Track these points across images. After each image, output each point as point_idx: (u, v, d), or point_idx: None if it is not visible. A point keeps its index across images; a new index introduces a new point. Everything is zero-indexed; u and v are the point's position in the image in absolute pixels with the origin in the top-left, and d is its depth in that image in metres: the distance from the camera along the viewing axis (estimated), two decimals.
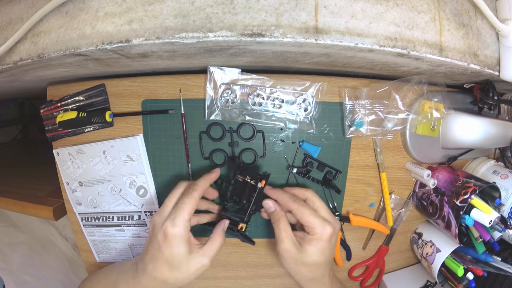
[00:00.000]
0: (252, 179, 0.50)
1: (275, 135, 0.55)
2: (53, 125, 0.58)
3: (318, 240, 0.44)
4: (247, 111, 0.53)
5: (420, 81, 0.51)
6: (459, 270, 0.55)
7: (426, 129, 0.54)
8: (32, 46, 0.40)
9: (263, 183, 0.49)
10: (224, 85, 0.51)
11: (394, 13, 0.37)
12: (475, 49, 0.42)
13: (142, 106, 0.55)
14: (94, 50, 0.37)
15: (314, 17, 0.35)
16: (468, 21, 0.41)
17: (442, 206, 0.54)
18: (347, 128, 0.54)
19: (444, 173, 0.57)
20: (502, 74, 0.43)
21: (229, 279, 0.64)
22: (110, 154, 0.57)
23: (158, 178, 0.58)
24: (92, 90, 0.55)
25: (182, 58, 0.45)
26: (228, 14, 0.34)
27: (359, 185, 0.59)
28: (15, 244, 0.92)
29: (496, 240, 0.56)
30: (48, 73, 0.51)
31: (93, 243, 0.64)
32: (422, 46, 0.38)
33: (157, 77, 0.54)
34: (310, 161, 0.56)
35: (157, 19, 0.35)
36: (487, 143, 0.56)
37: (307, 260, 0.44)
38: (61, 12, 0.38)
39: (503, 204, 0.55)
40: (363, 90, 0.52)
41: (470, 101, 0.58)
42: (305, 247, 0.44)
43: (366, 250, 0.64)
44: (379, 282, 0.67)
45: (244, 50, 0.40)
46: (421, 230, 0.63)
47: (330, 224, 0.44)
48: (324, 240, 0.44)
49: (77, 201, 0.61)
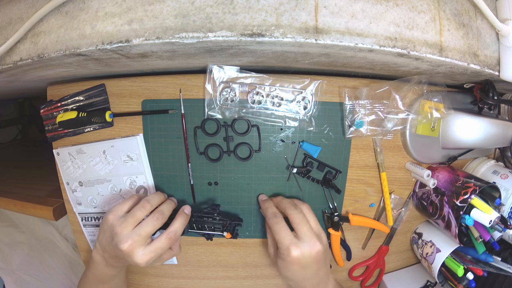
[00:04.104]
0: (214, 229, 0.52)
1: (275, 135, 0.55)
2: (53, 125, 0.58)
3: (283, 261, 0.45)
4: (246, 109, 0.53)
5: (420, 81, 0.51)
6: (459, 270, 0.55)
7: (426, 129, 0.54)
8: (32, 46, 0.40)
9: (229, 235, 0.52)
10: (224, 84, 0.51)
11: (394, 13, 0.37)
12: (475, 49, 0.42)
13: (142, 106, 0.55)
14: (94, 50, 0.37)
15: (314, 17, 0.35)
16: (468, 21, 0.41)
17: (442, 206, 0.54)
18: (347, 128, 0.54)
19: (444, 173, 0.57)
20: (502, 74, 0.43)
21: (229, 279, 0.64)
22: (110, 154, 0.57)
23: (158, 178, 0.58)
24: (92, 90, 0.55)
25: (182, 58, 0.45)
26: (228, 14, 0.34)
27: (359, 185, 0.59)
28: (15, 244, 0.92)
29: (496, 240, 0.56)
30: (48, 73, 0.51)
31: (93, 243, 0.64)
32: (422, 46, 0.38)
33: (157, 77, 0.54)
34: (310, 161, 0.56)
35: (157, 19, 0.35)
36: (487, 143, 0.56)
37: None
38: (61, 12, 0.38)
39: (503, 204, 0.55)
40: (363, 90, 0.52)
41: (470, 101, 0.58)
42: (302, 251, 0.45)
43: (366, 250, 0.64)
44: (379, 282, 0.67)
45: (244, 50, 0.40)
46: (421, 230, 0.63)
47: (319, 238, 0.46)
48: (289, 262, 0.45)
49: (77, 201, 0.61)
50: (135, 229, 0.45)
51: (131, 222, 0.45)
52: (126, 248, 0.44)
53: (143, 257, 0.44)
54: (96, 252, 0.49)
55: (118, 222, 0.46)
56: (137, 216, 0.46)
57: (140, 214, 0.46)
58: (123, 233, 0.44)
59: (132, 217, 0.45)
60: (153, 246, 0.45)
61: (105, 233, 0.47)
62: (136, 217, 0.46)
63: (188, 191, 0.58)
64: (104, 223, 0.47)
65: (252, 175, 0.57)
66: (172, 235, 0.46)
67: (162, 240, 0.46)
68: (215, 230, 0.51)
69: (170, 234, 0.46)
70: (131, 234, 0.44)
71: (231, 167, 0.57)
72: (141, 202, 0.47)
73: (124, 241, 0.44)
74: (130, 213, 0.46)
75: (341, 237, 0.62)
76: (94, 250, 0.50)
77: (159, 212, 0.47)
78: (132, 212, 0.46)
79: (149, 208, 0.47)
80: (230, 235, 0.52)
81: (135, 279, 0.65)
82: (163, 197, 0.50)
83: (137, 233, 0.44)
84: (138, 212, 0.46)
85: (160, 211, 0.47)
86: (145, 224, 0.45)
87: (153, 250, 0.45)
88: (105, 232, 0.47)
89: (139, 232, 0.44)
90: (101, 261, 0.49)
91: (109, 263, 0.49)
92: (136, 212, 0.46)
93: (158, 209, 0.48)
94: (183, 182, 0.57)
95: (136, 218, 0.46)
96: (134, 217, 0.45)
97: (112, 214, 0.47)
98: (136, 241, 0.44)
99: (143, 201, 0.47)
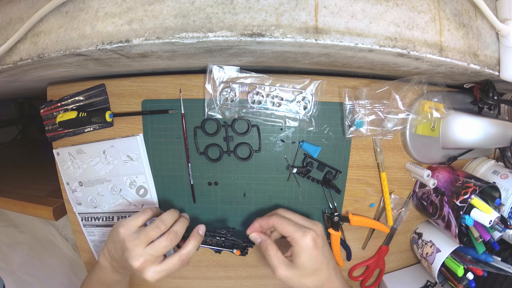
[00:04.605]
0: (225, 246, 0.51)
1: (275, 135, 0.55)
2: (53, 125, 0.58)
3: (305, 250, 0.44)
4: (246, 109, 0.53)
5: (420, 81, 0.51)
6: (459, 270, 0.55)
7: (426, 129, 0.54)
8: (32, 46, 0.40)
9: (238, 252, 0.51)
10: (224, 84, 0.51)
11: (394, 13, 0.37)
12: (475, 49, 0.42)
13: (142, 106, 0.55)
14: (94, 50, 0.37)
15: (314, 17, 0.35)
16: (468, 21, 0.41)
17: (442, 206, 0.54)
18: (347, 128, 0.54)
19: (444, 173, 0.57)
20: (502, 74, 0.43)
21: (229, 279, 0.64)
22: (110, 154, 0.57)
23: (158, 178, 0.58)
24: (92, 90, 0.55)
25: (182, 58, 0.45)
26: (228, 14, 0.34)
27: (359, 185, 0.59)
28: (15, 244, 0.92)
29: (496, 240, 0.56)
30: (48, 73, 0.51)
31: (93, 243, 0.64)
32: (422, 46, 0.38)
33: (157, 77, 0.54)
34: (310, 161, 0.56)
35: (157, 19, 0.35)
36: (487, 143, 0.56)
37: (306, 272, 0.45)
38: (61, 12, 0.38)
39: (503, 204, 0.55)
40: (363, 90, 0.52)
41: (470, 101, 0.58)
42: (297, 262, 0.45)
43: (366, 250, 0.64)
44: (379, 282, 0.67)
45: (244, 50, 0.40)
46: (421, 230, 0.63)
47: (308, 229, 0.45)
48: (310, 248, 0.44)
49: (77, 201, 0.61)
50: (148, 248, 0.45)
51: (144, 241, 0.45)
52: (138, 266, 0.44)
53: (154, 276, 0.44)
54: (104, 258, 0.49)
55: (130, 237, 0.45)
56: (150, 235, 0.45)
57: (154, 234, 0.45)
58: (135, 251, 0.44)
59: (145, 235, 0.45)
60: (165, 266, 0.45)
61: (115, 244, 0.47)
62: (149, 236, 0.45)
63: (188, 191, 0.58)
64: (114, 234, 0.47)
65: (252, 175, 0.57)
66: (184, 257, 0.46)
67: (174, 262, 0.45)
68: (226, 247, 0.51)
69: (183, 256, 0.46)
70: (143, 253, 0.44)
71: (231, 167, 0.57)
72: (156, 222, 0.46)
73: (136, 258, 0.44)
74: (144, 232, 0.45)
75: (341, 237, 0.62)
76: (101, 256, 0.49)
77: (173, 233, 0.46)
78: (146, 230, 0.45)
79: (163, 229, 0.46)
80: (240, 253, 0.51)
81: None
82: (177, 215, 0.50)
83: (150, 253, 0.44)
84: (151, 232, 0.45)
85: (174, 232, 0.46)
86: (158, 244, 0.45)
87: (164, 270, 0.45)
88: (115, 243, 0.47)
89: (152, 252, 0.44)
90: (108, 267, 0.49)
91: (116, 270, 0.49)
92: (149, 232, 0.45)
93: (172, 230, 0.47)
94: (183, 182, 0.57)
95: (149, 237, 0.45)
96: (147, 236, 0.45)
97: (123, 228, 0.46)
98: (148, 260, 0.44)
99: (158, 221, 0.47)
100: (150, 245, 0.45)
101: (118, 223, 0.47)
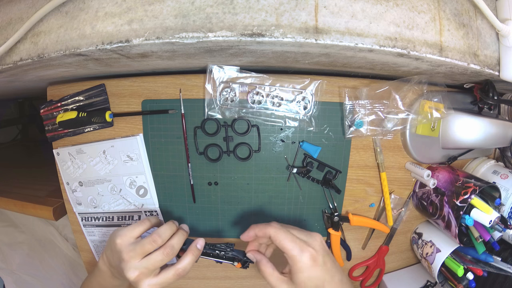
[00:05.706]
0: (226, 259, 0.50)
1: (275, 135, 0.55)
2: (53, 125, 0.58)
3: (303, 270, 0.42)
4: (246, 109, 0.53)
5: (420, 81, 0.51)
6: (459, 270, 0.55)
7: (426, 129, 0.54)
8: (32, 46, 0.40)
9: (239, 265, 0.49)
10: (224, 84, 0.51)
11: (394, 13, 0.37)
12: (475, 49, 0.42)
13: (142, 106, 0.55)
14: (94, 50, 0.37)
15: (314, 17, 0.35)
16: (468, 21, 0.41)
17: (442, 206, 0.54)
18: (347, 128, 0.54)
19: (444, 173, 0.57)
20: (502, 74, 0.43)
21: (229, 279, 0.64)
22: (110, 154, 0.57)
23: (158, 178, 0.58)
24: (92, 90, 0.55)
25: (182, 58, 0.45)
26: (228, 14, 0.34)
27: (359, 185, 0.59)
28: (15, 244, 0.92)
29: (496, 240, 0.56)
30: (48, 73, 0.51)
31: (93, 243, 0.64)
32: (422, 46, 0.38)
33: (157, 77, 0.54)
34: (310, 161, 0.56)
35: (157, 19, 0.35)
36: (487, 143, 0.56)
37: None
38: (61, 12, 0.38)
39: (503, 204, 0.55)
40: (363, 90, 0.52)
41: (470, 101, 0.58)
42: (296, 281, 0.42)
43: (366, 250, 0.64)
44: (379, 282, 0.67)
45: (244, 50, 0.40)
46: (421, 230, 0.63)
47: (306, 246, 0.43)
48: (308, 267, 0.42)
49: (77, 201, 0.61)
50: (143, 261, 0.44)
51: (139, 254, 0.44)
52: (133, 278, 0.44)
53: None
54: (103, 263, 0.49)
55: (126, 249, 0.45)
56: (146, 249, 0.45)
57: (150, 248, 0.45)
58: (131, 263, 0.44)
59: (141, 248, 0.45)
60: (160, 279, 0.45)
61: (112, 253, 0.47)
62: (145, 249, 0.45)
63: (188, 191, 0.58)
64: (112, 243, 0.47)
65: (252, 175, 0.57)
66: (181, 271, 0.45)
67: (170, 276, 0.45)
68: (226, 260, 0.50)
69: (179, 271, 0.45)
70: (139, 266, 0.44)
71: (231, 167, 0.57)
72: (153, 236, 0.46)
73: (131, 271, 0.44)
74: (140, 244, 0.45)
75: (341, 237, 0.62)
76: (101, 260, 0.50)
77: (170, 247, 0.46)
78: (142, 243, 0.45)
79: (159, 243, 0.46)
80: (241, 265, 0.50)
81: None
82: (175, 227, 0.49)
83: (145, 266, 0.44)
84: (148, 245, 0.45)
85: (171, 246, 0.46)
86: (154, 257, 0.45)
87: (160, 283, 0.44)
88: (113, 252, 0.47)
89: (147, 265, 0.44)
90: (107, 272, 0.49)
91: (114, 275, 0.49)
92: (146, 245, 0.45)
93: (169, 244, 0.46)
94: (183, 182, 0.57)
95: (145, 251, 0.45)
96: (143, 249, 0.45)
97: (120, 239, 0.46)
98: (144, 273, 0.44)
99: (155, 235, 0.46)
100: (146, 258, 0.45)
101: (115, 232, 0.47)
